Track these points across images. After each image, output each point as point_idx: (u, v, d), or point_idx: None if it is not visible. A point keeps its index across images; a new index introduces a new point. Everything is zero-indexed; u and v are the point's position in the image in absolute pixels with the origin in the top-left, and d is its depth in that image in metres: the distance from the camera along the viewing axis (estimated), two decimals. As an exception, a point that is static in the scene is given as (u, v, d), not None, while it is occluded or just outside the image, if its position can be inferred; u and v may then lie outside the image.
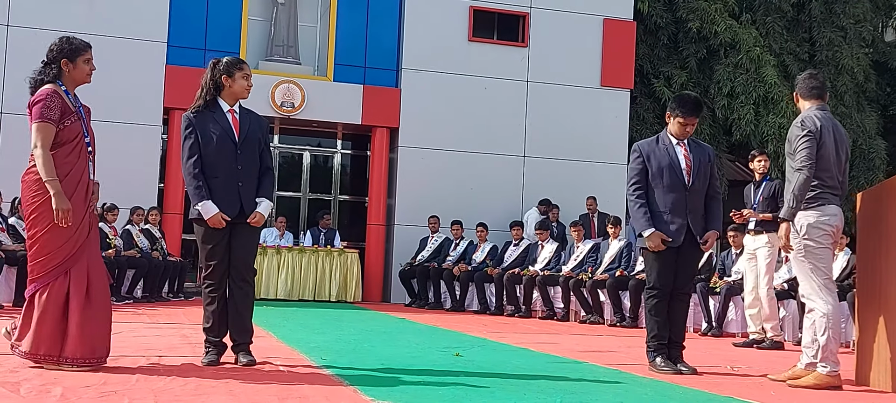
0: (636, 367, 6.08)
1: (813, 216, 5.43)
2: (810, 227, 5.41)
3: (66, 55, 4.87)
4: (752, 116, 17.08)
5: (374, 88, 15.02)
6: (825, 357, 5.32)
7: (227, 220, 5.21)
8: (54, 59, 4.86)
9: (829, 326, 5.33)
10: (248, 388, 4.33)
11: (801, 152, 5.42)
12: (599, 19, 15.87)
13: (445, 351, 6.76)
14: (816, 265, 5.41)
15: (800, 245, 5.44)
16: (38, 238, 4.70)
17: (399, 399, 4.05)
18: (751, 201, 8.80)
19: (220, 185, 5.22)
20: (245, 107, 5.50)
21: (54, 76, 4.85)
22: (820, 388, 5.24)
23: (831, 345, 5.33)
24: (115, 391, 4.04)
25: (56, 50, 4.87)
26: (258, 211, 5.29)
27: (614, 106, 15.89)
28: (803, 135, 5.43)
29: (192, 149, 5.25)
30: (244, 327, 5.33)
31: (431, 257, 13.98)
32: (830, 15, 18.49)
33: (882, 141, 18.43)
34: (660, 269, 5.96)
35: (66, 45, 4.88)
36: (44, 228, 4.68)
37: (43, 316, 4.65)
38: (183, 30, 14.46)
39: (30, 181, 4.74)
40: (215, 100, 5.37)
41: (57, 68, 4.86)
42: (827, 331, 5.33)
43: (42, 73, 4.86)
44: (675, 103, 6.09)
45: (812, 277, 5.41)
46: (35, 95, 4.76)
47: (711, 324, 10.29)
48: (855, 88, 18.49)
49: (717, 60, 17.58)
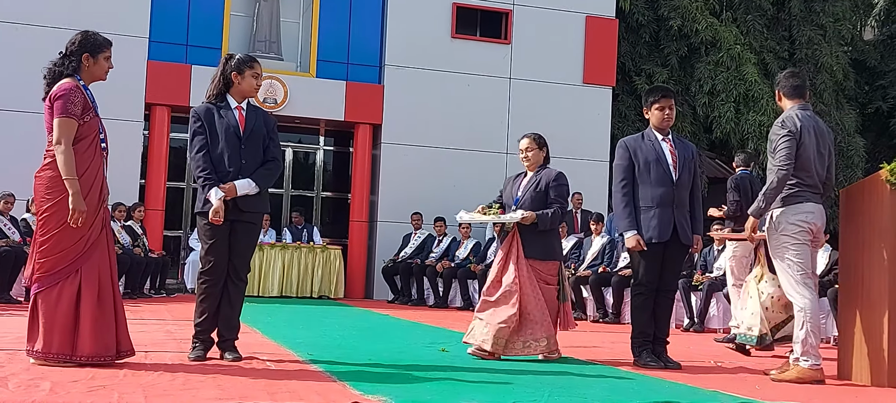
0: (621, 362, 6.13)
1: (790, 212, 5.49)
2: (788, 224, 5.47)
3: (89, 50, 4.81)
4: (732, 114, 17.20)
5: (356, 85, 15.00)
6: (806, 351, 5.37)
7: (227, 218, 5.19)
8: (75, 52, 4.78)
9: (807, 320, 5.38)
10: (237, 383, 4.33)
11: (780, 152, 5.47)
12: (582, 17, 15.92)
13: (431, 347, 6.78)
14: (794, 260, 5.45)
15: (777, 241, 5.50)
16: (49, 236, 4.63)
17: (389, 393, 4.06)
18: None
19: (223, 181, 5.22)
20: (253, 105, 5.55)
21: (73, 69, 4.77)
22: (802, 382, 5.29)
23: (811, 339, 5.38)
24: (104, 386, 4.03)
25: (78, 43, 4.80)
26: (232, 182, 5.19)
27: (596, 103, 15.95)
28: (784, 135, 5.49)
29: (199, 143, 5.26)
30: (232, 323, 5.35)
31: (414, 254, 13.99)
32: (810, 13, 18.64)
33: (861, 138, 18.61)
34: (646, 266, 6.01)
35: (90, 40, 4.82)
36: (56, 227, 4.61)
37: (54, 315, 4.58)
38: (165, 25, 14.37)
39: (44, 178, 4.66)
40: (224, 95, 5.38)
41: (76, 62, 4.78)
42: (805, 325, 5.38)
43: (60, 66, 4.77)
44: (646, 96, 6.26)
45: (789, 272, 5.47)
46: (57, 89, 4.67)
47: (693, 320, 10.37)
48: (834, 86, 18.66)
49: (697, 58, 17.70)
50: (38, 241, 4.67)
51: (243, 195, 5.24)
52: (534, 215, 6.04)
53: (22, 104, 12.64)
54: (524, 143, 6.34)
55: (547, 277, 6.08)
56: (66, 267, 4.63)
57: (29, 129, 13.52)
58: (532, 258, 6.05)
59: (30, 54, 13.80)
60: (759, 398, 4.49)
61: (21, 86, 12.41)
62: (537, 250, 6.07)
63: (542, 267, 6.07)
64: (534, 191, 6.17)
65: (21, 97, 12.58)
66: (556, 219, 6.12)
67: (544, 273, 6.07)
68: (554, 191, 6.15)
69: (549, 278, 6.11)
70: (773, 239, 5.55)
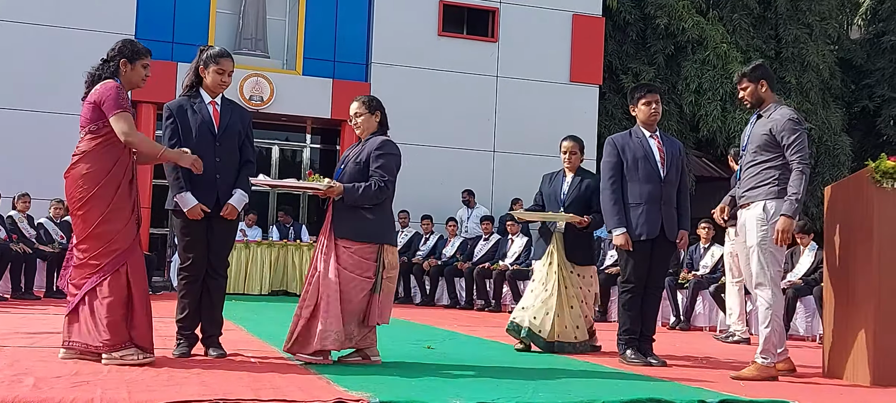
0: (607, 359, 6.13)
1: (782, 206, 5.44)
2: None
3: (127, 56, 4.91)
4: (718, 112, 17.25)
5: (343, 82, 14.98)
6: (766, 349, 5.37)
7: (206, 211, 5.17)
8: (114, 57, 4.90)
9: (773, 318, 5.39)
10: (221, 378, 4.31)
11: (804, 150, 5.41)
12: (568, 15, 15.94)
13: (417, 344, 6.77)
14: (775, 255, 5.44)
15: (767, 233, 5.42)
16: (94, 230, 4.67)
17: (373, 389, 4.04)
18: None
19: (198, 177, 5.18)
20: (229, 100, 5.48)
21: (112, 73, 4.86)
22: (760, 379, 5.24)
23: (774, 337, 5.38)
24: (87, 381, 4.00)
25: (117, 49, 4.92)
26: (230, 203, 5.25)
27: (583, 101, 15.97)
28: (800, 131, 5.43)
29: (171, 140, 5.22)
30: (215, 319, 5.35)
31: (401, 252, 13.95)
32: (796, 12, 18.71)
33: (847, 137, 18.70)
34: (635, 264, 6.01)
35: (129, 47, 4.94)
36: (99, 219, 4.67)
37: (111, 306, 4.64)
38: (150, 23, 14.32)
39: (76, 175, 4.73)
40: (198, 90, 5.34)
41: (115, 66, 4.88)
42: (771, 323, 5.38)
43: (101, 69, 4.89)
44: (631, 93, 6.29)
45: (769, 269, 5.41)
46: (103, 90, 4.74)
47: (680, 318, 10.39)
48: (820, 85, 18.73)
49: (684, 57, 17.74)
50: (83, 238, 4.71)
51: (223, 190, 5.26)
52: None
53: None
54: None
55: (360, 261, 5.14)
56: (113, 260, 4.69)
57: (7, 124, 13.46)
58: (344, 238, 5.16)
59: (12, 52, 13.73)
60: (743, 395, 4.50)
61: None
62: (348, 229, 5.17)
63: (354, 250, 5.15)
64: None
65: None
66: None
67: (356, 256, 5.15)
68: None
69: (364, 263, 5.15)
70: (762, 231, 5.43)
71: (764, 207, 5.45)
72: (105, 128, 4.74)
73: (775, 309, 5.41)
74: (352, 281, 5.12)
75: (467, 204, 14.46)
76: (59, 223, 12.03)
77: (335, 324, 5.04)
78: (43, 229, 11.89)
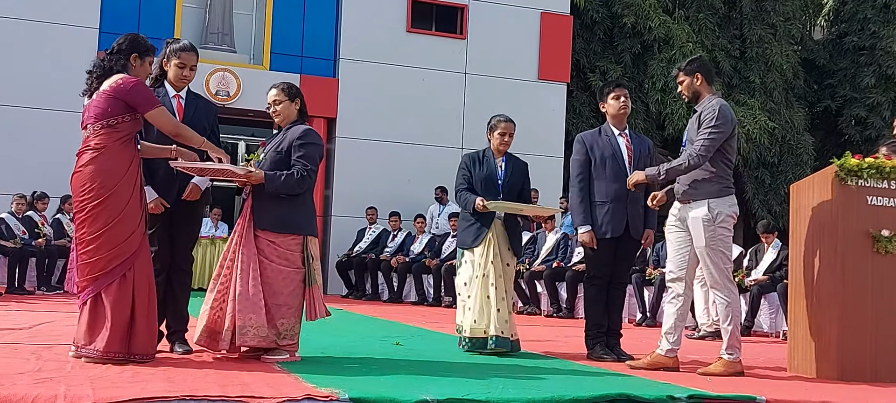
0: (575, 356, 6.14)
1: (725, 204, 5.43)
2: (727, 216, 5.42)
3: (139, 51, 4.81)
4: (685, 111, 17.35)
5: (311, 78, 14.86)
6: (731, 345, 5.41)
7: (166, 206, 5.11)
8: (124, 51, 4.78)
9: (733, 315, 5.41)
10: (187, 375, 4.26)
11: (707, 142, 5.36)
12: (537, 13, 15.97)
13: (385, 340, 6.74)
14: (725, 253, 5.44)
15: (715, 233, 5.39)
16: (100, 233, 4.52)
17: (341, 385, 4.00)
18: None
19: (160, 171, 5.13)
20: (195, 94, 5.42)
21: (122, 67, 4.74)
22: (727, 375, 5.28)
23: (737, 332, 5.43)
24: (51, 378, 3.93)
25: (127, 43, 4.80)
26: (193, 183, 5.15)
27: (551, 99, 16.01)
28: (715, 126, 5.37)
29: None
30: (180, 314, 5.30)
31: (369, 248, 13.92)
32: (761, 12, 18.91)
33: (809, 136, 18.95)
34: (599, 261, 6.05)
35: (140, 42, 4.83)
36: (106, 224, 4.52)
37: (114, 313, 4.50)
38: (115, 15, 14.11)
39: (86, 173, 4.57)
40: (163, 83, 5.27)
41: (125, 60, 4.76)
42: (732, 320, 5.41)
43: (109, 62, 4.75)
44: (600, 90, 6.25)
45: (720, 266, 5.41)
46: (129, 85, 4.61)
47: (646, 314, 10.46)
48: (784, 85, 18.97)
49: (651, 55, 17.86)
50: (86, 240, 4.54)
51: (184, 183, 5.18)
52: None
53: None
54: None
55: (285, 253, 5.01)
56: (122, 265, 4.55)
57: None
58: (265, 229, 5.00)
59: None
60: (711, 390, 4.52)
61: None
62: (270, 220, 5.00)
63: (278, 242, 5.00)
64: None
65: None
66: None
67: (281, 248, 5.01)
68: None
69: (290, 255, 5.02)
70: (710, 231, 5.39)
71: (708, 207, 5.41)
72: (124, 123, 4.61)
73: (734, 306, 5.43)
74: (280, 274, 4.96)
75: (440, 201, 14.43)
76: (22, 218, 11.84)
77: (256, 319, 4.87)
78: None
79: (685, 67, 5.70)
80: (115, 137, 4.60)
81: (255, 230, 4.97)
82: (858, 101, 19.28)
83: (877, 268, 5.50)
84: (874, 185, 5.52)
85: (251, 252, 4.93)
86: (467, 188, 6.15)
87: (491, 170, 6.17)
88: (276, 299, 4.95)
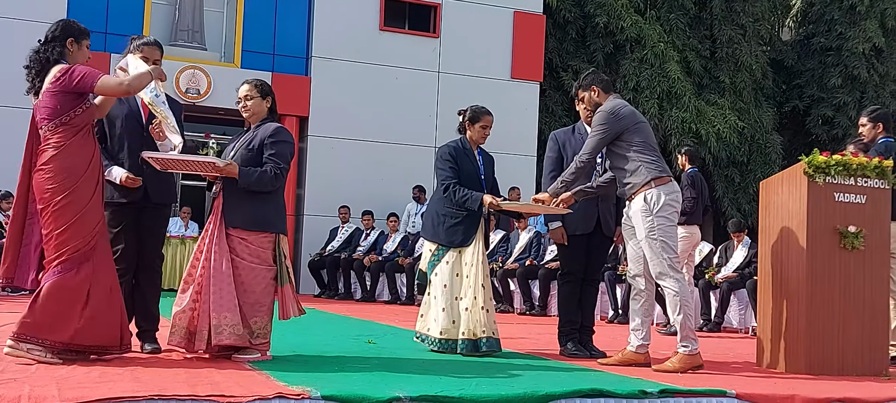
0: (548, 352, 6.15)
1: (664, 191, 5.36)
2: (665, 204, 5.34)
3: (74, 35, 4.69)
4: (656, 110, 17.49)
5: (283, 76, 14.78)
6: (685, 336, 5.30)
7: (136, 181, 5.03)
8: (58, 37, 4.66)
9: (683, 304, 5.29)
10: (155, 375, 4.21)
11: (591, 142, 5.45)
12: (510, 12, 15.99)
13: (358, 339, 6.71)
14: (667, 242, 5.34)
15: (654, 222, 5.32)
16: (68, 226, 4.45)
17: (313, 383, 3.97)
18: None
19: (126, 165, 5.07)
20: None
21: (59, 54, 4.63)
22: (685, 370, 5.22)
23: (689, 323, 5.33)
24: (15, 379, 3.86)
25: (61, 29, 4.69)
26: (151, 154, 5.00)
27: (524, 98, 16.04)
28: (601, 124, 5.44)
29: (95, 128, 5.07)
30: (150, 313, 5.25)
31: (342, 247, 13.87)
32: (731, 13, 19.07)
33: (778, 136, 19.15)
34: (571, 257, 6.08)
35: (74, 26, 4.71)
36: (74, 215, 4.46)
37: (69, 299, 4.44)
38: (82, 11, 13.86)
39: (52, 171, 4.48)
40: None
41: (61, 47, 4.65)
42: (682, 310, 5.29)
43: (45, 52, 4.64)
44: (574, 87, 6.10)
45: (663, 255, 5.31)
46: (68, 73, 4.51)
47: (618, 311, 10.51)
48: (753, 85, 19.15)
49: (623, 55, 17.96)
50: (54, 235, 4.47)
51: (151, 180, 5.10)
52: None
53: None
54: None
55: (257, 251, 4.98)
56: (89, 250, 4.51)
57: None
58: (236, 227, 4.95)
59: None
60: (683, 385, 4.55)
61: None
62: (241, 218, 4.96)
63: (250, 240, 4.96)
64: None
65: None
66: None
67: (253, 246, 4.97)
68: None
69: (262, 252, 5.00)
70: (648, 221, 5.31)
71: (644, 197, 5.36)
72: (78, 116, 4.55)
73: (682, 296, 5.29)
74: (252, 272, 4.93)
75: (418, 201, 14.39)
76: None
77: (231, 317, 4.82)
78: None
79: (580, 84, 5.78)
80: (72, 132, 4.55)
81: (227, 228, 4.93)
82: (825, 101, 19.49)
83: (844, 264, 5.56)
84: (841, 182, 5.58)
85: (223, 250, 4.89)
86: (459, 182, 5.89)
87: (472, 165, 5.99)
88: (248, 298, 4.92)
